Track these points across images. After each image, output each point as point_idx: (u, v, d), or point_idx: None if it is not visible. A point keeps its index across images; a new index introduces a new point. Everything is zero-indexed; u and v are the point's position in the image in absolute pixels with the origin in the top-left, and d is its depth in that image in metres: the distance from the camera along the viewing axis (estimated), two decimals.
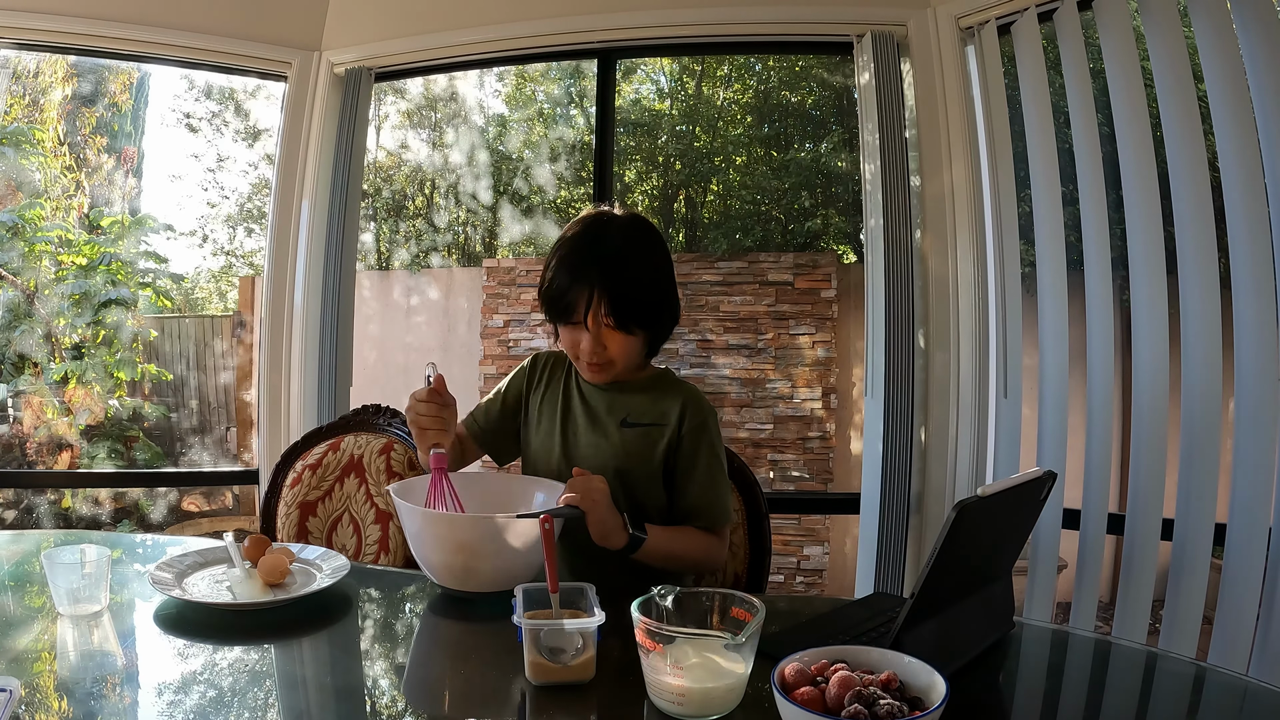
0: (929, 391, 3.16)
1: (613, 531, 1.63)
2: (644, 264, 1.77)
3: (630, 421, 1.85)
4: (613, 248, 1.75)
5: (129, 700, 1.19)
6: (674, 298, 1.84)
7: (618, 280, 1.71)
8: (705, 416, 1.84)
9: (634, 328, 1.75)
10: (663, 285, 1.80)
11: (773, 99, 8.43)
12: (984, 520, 1.29)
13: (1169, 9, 2.61)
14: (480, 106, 9.23)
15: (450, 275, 8.23)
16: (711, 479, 1.82)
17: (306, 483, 2.31)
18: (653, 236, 1.82)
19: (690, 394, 1.87)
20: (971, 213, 3.06)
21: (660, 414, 1.84)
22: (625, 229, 1.79)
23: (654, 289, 1.77)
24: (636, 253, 1.77)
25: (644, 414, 1.85)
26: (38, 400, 7.16)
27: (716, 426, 1.87)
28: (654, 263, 1.79)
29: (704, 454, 1.82)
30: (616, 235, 1.77)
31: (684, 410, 1.83)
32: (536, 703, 1.21)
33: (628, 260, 1.74)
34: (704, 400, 1.87)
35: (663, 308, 1.80)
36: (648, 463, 1.82)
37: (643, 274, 1.76)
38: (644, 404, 1.86)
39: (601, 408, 1.88)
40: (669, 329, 1.86)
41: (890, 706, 1.00)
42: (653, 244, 1.81)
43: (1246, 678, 1.36)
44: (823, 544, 6.63)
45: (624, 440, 1.83)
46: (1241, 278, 2.45)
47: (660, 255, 1.81)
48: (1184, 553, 2.52)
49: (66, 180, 8.00)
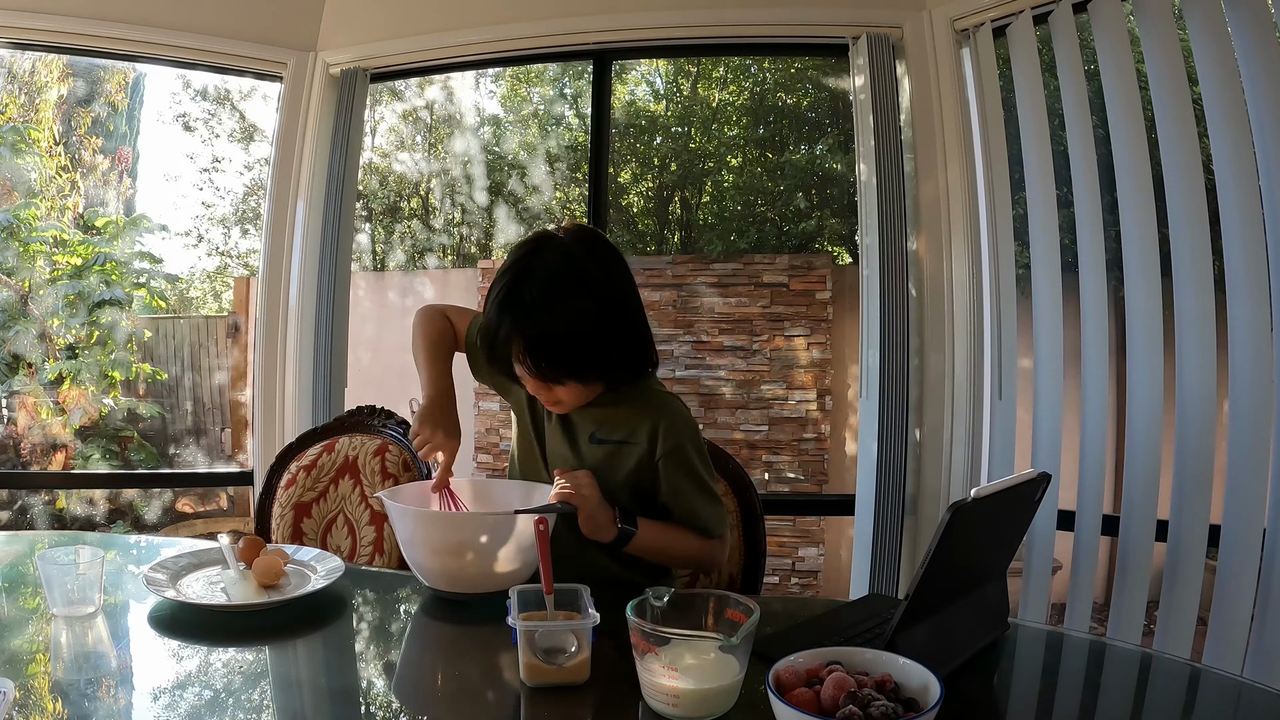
0: (924, 393, 3.17)
1: (603, 526, 1.65)
2: (565, 314, 1.60)
3: (599, 438, 1.78)
4: (529, 297, 1.60)
5: (123, 702, 1.18)
6: (617, 333, 1.66)
7: (535, 336, 1.60)
8: (680, 439, 1.74)
9: (564, 379, 1.65)
10: (593, 330, 1.62)
11: (768, 101, 8.43)
12: (979, 522, 1.29)
13: (1164, 12, 2.62)
14: (476, 108, 9.24)
15: (445, 276, 8.22)
16: (695, 500, 1.76)
17: (301, 484, 2.30)
18: (581, 271, 1.63)
19: (666, 412, 1.76)
20: (966, 215, 3.07)
21: (630, 431, 1.76)
22: (550, 269, 1.62)
23: (577, 340, 1.61)
24: (556, 302, 1.60)
25: (614, 430, 1.77)
26: (32, 400, 7.14)
27: (695, 443, 1.77)
28: (579, 309, 1.61)
29: (683, 479, 1.75)
30: (537, 281, 1.60)
31: (655, 433, 1.74)
32: (531, 704, 1.21)
33: (545, 313, 1.59)
34: (679, 418, 1.77)
35: (597, 353, 1.64)
36: (614, 478, 1.75)
37: (561, 326, 1.60)
38: (614, 419, 1.77)
39: (574, 417, 1.81)
40: (623, 362, 1.70)
41: (885, 708, 1.00)
42: (581, 283, 1.62)
43: (1241, 678, 1.36)
44: (818, 545, 6.63)
45: (591, 455, 1.77)
46: (1236, 280, 2.45)
47: (588, 296, 1.62)
48: (1178, 554, 2.53)
49: (61, 180, 7.99)
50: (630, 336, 1.70)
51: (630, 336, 1.70)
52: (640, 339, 1.73)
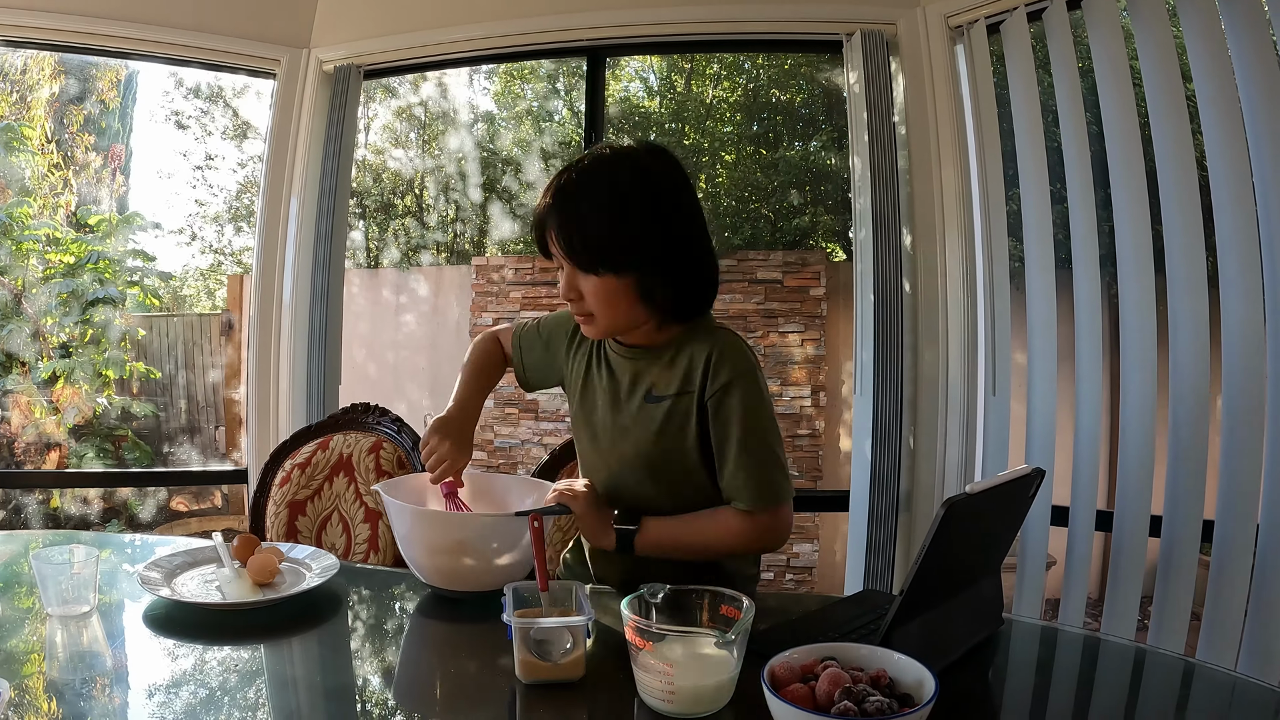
0: (918, 389, 3.17)
1: (599, 529, 1.62)
2: (597, 196, 1.53)
3: (655, 395, 1.62)
4: (568, 180, 1.55)
5: (118, 701, 1.18)
6: (667, 239, 1.54)
7: (565, 215, 1.53)
8: (733, 376, 1.56)
9: (598, 268, 1.53)
10: (623, 220, 1.52)
11: (762, 97, 8.44)
12: (973, 517, 1.29)
13: (1157, 8, 2.62)
14: (470, 105, 9.22)
15: (439, 273, 8.21)
16: (744, 452, 1.56)
17: (295, 482, 2.30)
18: (625, 168, 1.56)
19: (720, 345, 1.59)
20: (960, 211, 3.07)
21: (684, 378, 1.59)
22: (599, 160, 1.57)
23: (606, 224, 1.52)
24: (593, 184, 1.54)
25: (668, 383, 1.61)
26: (25, 399, 7.12)
27: (753, 384, 1.58)
28: (612, 194, 1.53)
29: (733, 423, 1.56)
30: (579, 168, 1.56)
31: (707, 368, 1.57)
32: (526, 701, 1.21)
33: (579, 193, 1.53)
34: (736, 352, 1.59)
35: (628, 246, 1.53)
36: (682, 439, 1.61)
37: (592, 207, 1.52)
38: (668, 371, 1.62)
39: (626, 380, 1.67)
40: (659, 272, 1.55)
41: (880, 703, 1.01)
42: (621, 175, 1.55)
43: (1235, 673, 1.36)
44: (812, 541, 6.64)
45: (647, 419, 1.63)
46: (1229, 276, 2.45)
47: (625, 186, 1.54)
48: (1172, 549, 2.53)
49: (54, 178, 7.96)
50: (679, 249, 1.57)
51: (679, 249, 1.57)
52: (693, 263, 1.59)
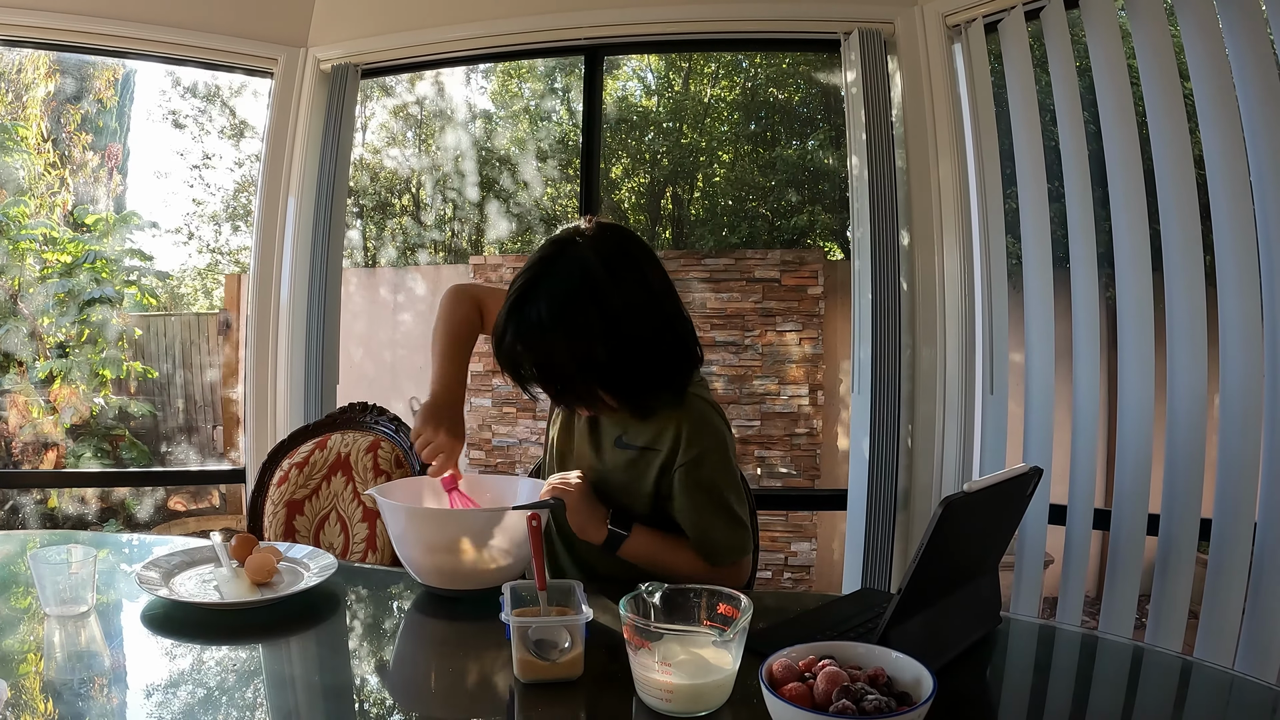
0: (916, 388, 3.17)
1: (590, 524, 1.64)
2: (570, 340, 1.51)
3: (625, 442, 1.71)
4: (535, 316, 1.51)
5: (116, 701, 1.18)
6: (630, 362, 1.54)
7: (543, 364, 1.55)
8: (703, 450, 1.63)
9: (574, 401, 1.61)
10: (605, 359, 1.52)
11: (760, 96, 8.44)
12: (970, 516, 1.29)
13: (1155, 7, 2.62)
14: (467, 104, 9.22)
15: (437, 272, 8.20)
16: (709, 519, 1.66)
17: (293, 481, 2.30)
18: (595, 290, 1.51)
19: (691, 416, 1.64)
20: (958, 210, 3.07)
21: (655, 436, 1.67)
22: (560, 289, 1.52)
23: (589, 369, 1.53)
24: (562, 325, 1.50)
25: (638, 434, 1.69)
26: (23, 399, 7.11)
27: (722, 455, 1.66)
28: (586, 335, 1.51)
29: (699, 493, 1.65)
30: (545, 296, 1.51)
31: (678, 439, 1.63)
32: (525, 700, 1.21)
33: (550, 335, 1.51)
34: (706, 425, 1.65)
35: (613, 376, 1.55)
36: (638, 486, 1.69)
37: (565, 354, 1.52)
38: (639, 424, 1.68)
39: (603, 422, 1.75)
40: (639, 390, 1.59)
41: (878, 701, 1.01)
42: (591, 305, 1.51)
43: (1232, 671, 1.36)
44: (810, 540, 6.64)
45: (615, 460, 1.72)
46: (1226, 274, 2.46)
47: (600, 321, 1.51)
48: (1170, 548, 2.54)
49: (51, 177, 7.95)
50: (650, 355, 1.57)
51: (650, 355, 1.57)
52: (666, 352, 1.60)
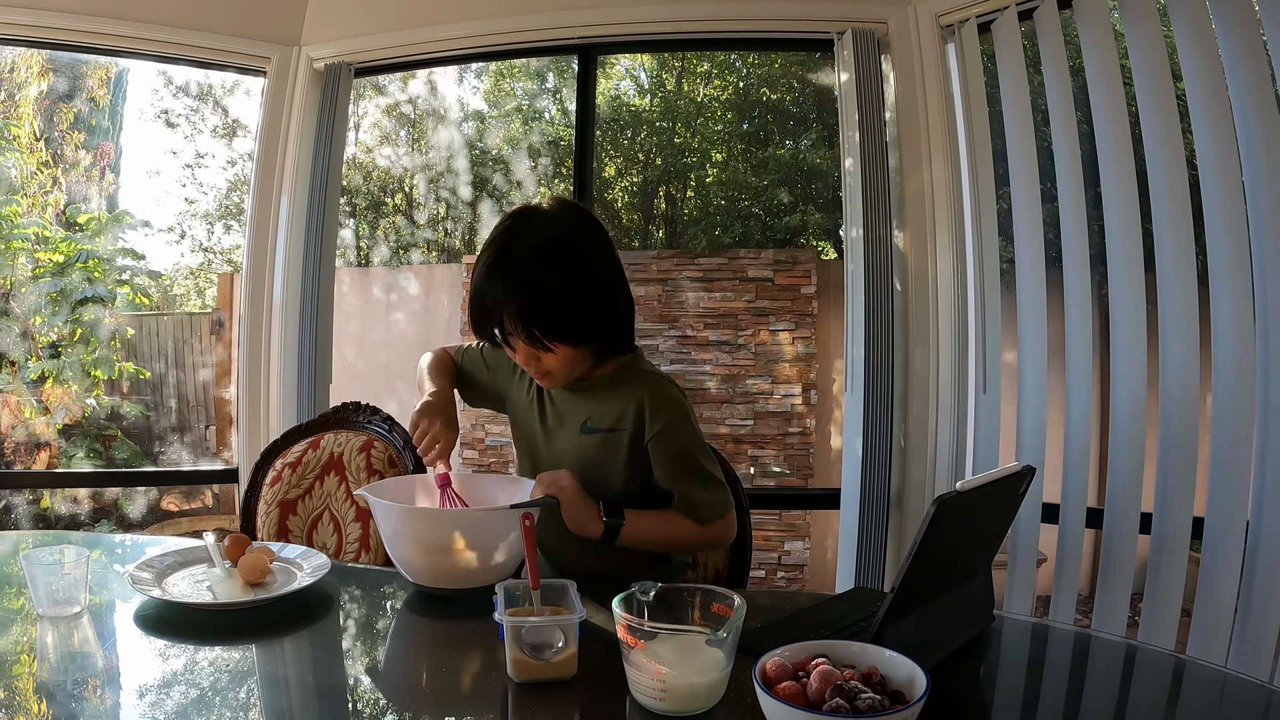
0: (909, 387, 3.18)
1: (585, 520, 1.65)
2: (558, 280, 1.61)
3: (590, 427, 1.77)
4: (520, 264, 1.61)
5: (110, 702, 1.18)
6: (607, 300, 1.68)
7: (527, 302, 1.60)
8: (669, 419, 1.72)
9: (558, 345, 1.64)
10: (585, 297, 1.63)
11: (752, 95, 8.44)
12: (963, 515, 1.29)
13: (1148, 8, 2.63)
14: (460, 103, 9.21)
15: (430, 272, 8.19)
16: (687, 483, 1.74)
17: (286, 481, 2.29)
18: (572, 239, 1.66)
19: (652, 392, 1.74)
20: (951, 210, 3.08)
21: (618, 417, 1.75)
22: (541, 236, 1.64)
23: (571, 307, 1.62)
24: (548, 267, 1.61)
25: (603, 417, 1.76)
26: (15, 399, 7.09)
27: (685, 422, 1.75)
28: (572, 274, 1.63)
29: (673, 461, 1.73)
30: (527, 247, 1.62)
31: (642, 414, 1.72)
32: (518, 700, 1.21)
33: (538, 278, 1.60)
34: (666, 397, 1.74)
35: (590, 319, 1.65)
36: (609, 468, 1.76)
37: (555, 292, 1.60)
38: (603, 407, 1.76)
39: (566, 409, 1.82)
40: (613, 330, 1.72)
41: (871, 700, 1.01)
42: (571, 250, 1.65)
43: (1225, 669, 1.37)
44: (803, 539, 6.65)
45: (583, 446, 1.78)
46: (1219, 274, 2.47)
47: (581, 262, 1.65)
48: (1162, 546, 2.54)
49: (43, 176, 7.92)
50: (620, 304, 1.71)
51: (620, 304, 1.71)
52: (629, 308, 1.74)
